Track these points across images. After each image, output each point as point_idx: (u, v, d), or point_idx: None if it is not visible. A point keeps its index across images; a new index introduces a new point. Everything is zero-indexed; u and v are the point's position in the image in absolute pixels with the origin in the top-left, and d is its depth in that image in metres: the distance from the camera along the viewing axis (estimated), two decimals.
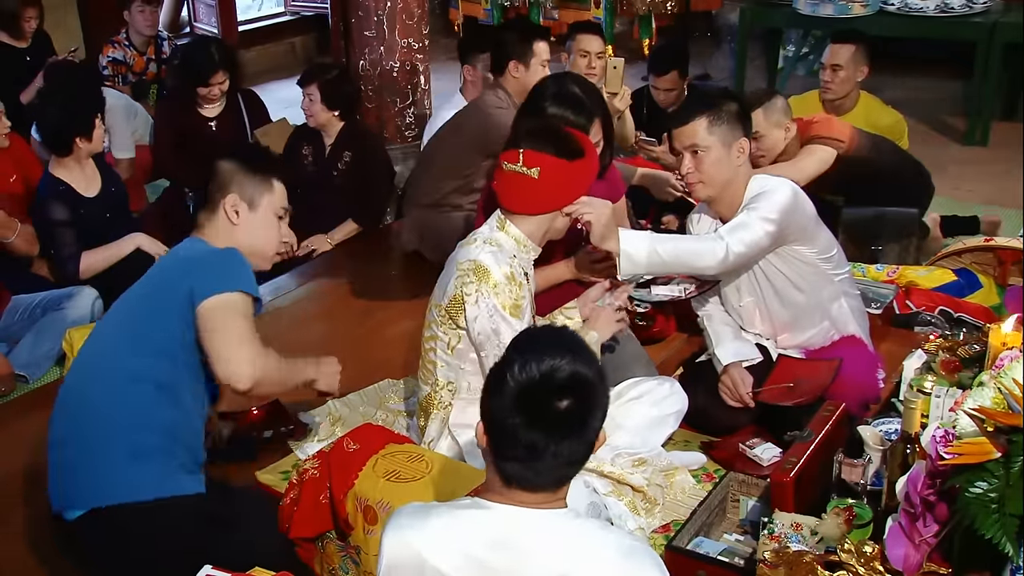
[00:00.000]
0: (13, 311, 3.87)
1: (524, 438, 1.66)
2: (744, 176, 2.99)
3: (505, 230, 2.74)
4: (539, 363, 1.66)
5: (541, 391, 1.66)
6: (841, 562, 2.07)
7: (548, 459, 1.67)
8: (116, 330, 2.47)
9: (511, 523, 1.69)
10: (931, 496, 1.99)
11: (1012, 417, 1.91)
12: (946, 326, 3.55)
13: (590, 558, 1.67)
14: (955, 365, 2.60)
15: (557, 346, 1.70)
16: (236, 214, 2.50)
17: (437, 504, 1.81)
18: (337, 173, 4.66)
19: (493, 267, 2.64)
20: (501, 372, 1.69)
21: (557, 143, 2.68)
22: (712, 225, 3.11)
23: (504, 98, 4.21)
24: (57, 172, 3.99)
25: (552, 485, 1.71)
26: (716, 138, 2.92)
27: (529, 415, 1.66)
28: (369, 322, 4.05)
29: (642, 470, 2.81)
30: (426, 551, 1.71)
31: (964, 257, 4.01)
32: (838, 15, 6.25)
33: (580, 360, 1.69)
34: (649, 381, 3.03)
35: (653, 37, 7.15)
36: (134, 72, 5.83)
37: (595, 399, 1.71)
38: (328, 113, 4.63)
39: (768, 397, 3.04)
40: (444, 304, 2.70)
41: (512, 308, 2.65)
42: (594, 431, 1.72)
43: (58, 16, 6.23)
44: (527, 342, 1.75)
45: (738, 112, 2.97)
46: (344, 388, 3.35)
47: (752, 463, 2.96)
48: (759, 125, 3.77)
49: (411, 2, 5.00)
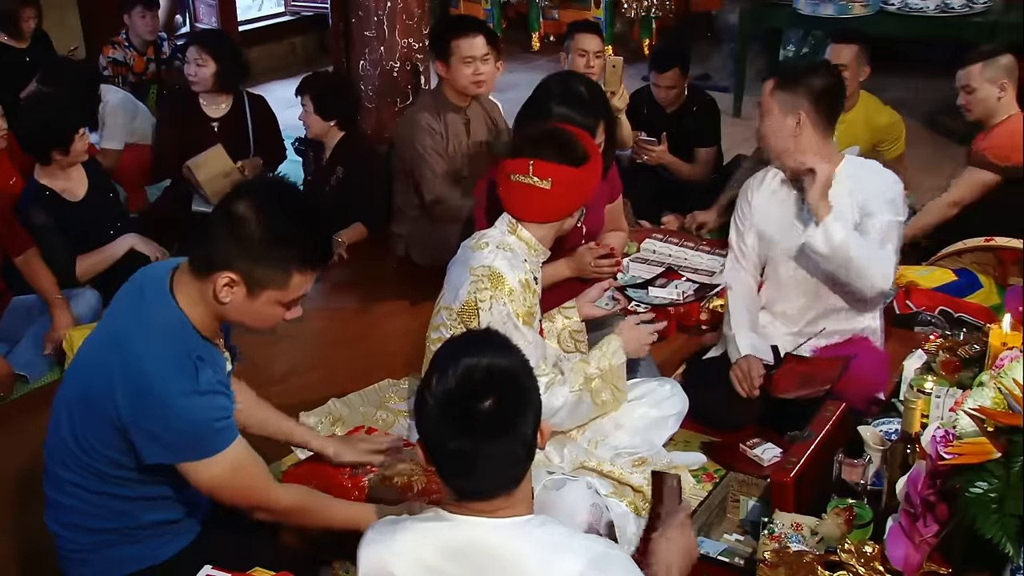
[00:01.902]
0: (14, 311, 3.87)
1: (454, 448, 1.62)
2: (810, 146, 2.98)
3: (517, 234, 2.72)
4: (455, 368, 1.62)
5: (460, 396, 1.61)
6: (841, 562, 2.07)
7: (483, 464, 1.62)
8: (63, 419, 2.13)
9: (471, 534, 1.66)
10: (931, 496, 1.99)
11: (1012, 417, 1.90)
12: (946, 326, 3.55)
13: (552, 566, 1.62)
14: (955, 365, 2.60)
15: (474, 346, 1.67)
16: (229, 292, 2.00)
17: (405, 517, 1.79)
18: (329, 189, 4.64)
19: (508, 274, 2.63)
20: (421, 389, 1.66)
21: (565, 151, 2.66)
22: (780, 183, 3.13)
23: (427, 102, 4.26)
24: (41, 178, 3.99)
25: (503, 490, 1.66)
26: (775, 103, 2.96)
27: (453, 424, 1.61)
28: (369, 322, 4.05)
29: (641, 470, 2.81)
30: (392, 564, 1.70)
31: (964, 257, 4.00)
32: (838, 15, 6.25)
33: (500, 355, 1.65)
34: (650, 382, 3.03)
35: (653, 37, 7.16)
36: (134, 72, 5.84)
37: (519, 389, 1.65)
38: (323, 123, 4.62)
39: (777, 387, 3.03)
40: (455, 307, 2.68)
41: (525, 316, 2.64)
42: (529, 424, 1.65)
43: (58, 16, 6.22)
44: (443, 351, 1.70)
45: (819, 87, 2.95)
46: (344, 388, 3.37)
47: (752, 463, 2.96)
48: (973, 78, 3.98)
49: (411, 2, 5.00)
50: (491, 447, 1.62)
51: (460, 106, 4.25)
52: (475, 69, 4.13)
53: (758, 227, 3.20)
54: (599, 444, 2.82)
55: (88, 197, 4.08)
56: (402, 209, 4.41)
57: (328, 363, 3.74)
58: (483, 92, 4.24)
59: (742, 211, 3.24)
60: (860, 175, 3.04)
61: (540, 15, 7.31)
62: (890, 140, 4.67)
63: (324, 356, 3.82)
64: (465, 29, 4.17)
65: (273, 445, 3.08)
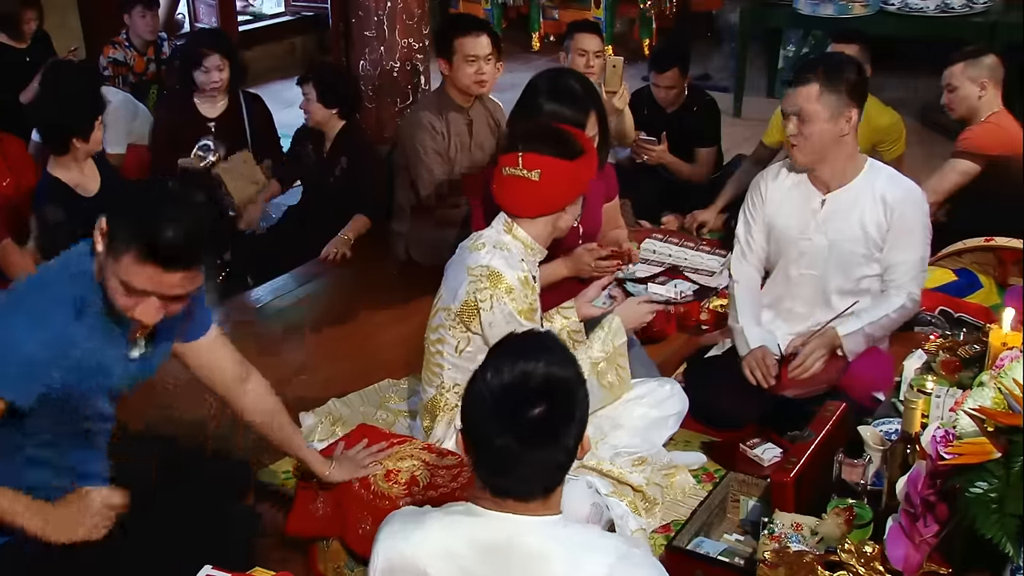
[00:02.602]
0: None
1: (499, 446, 1.63)
2: (849, 147, 2.98)
3: (513, 233, 2.72)
4: (512, 368, 1.63)
5: (514, 397, 1.62)
6: (841, 562, 2.07)
7: (526, 467, 1.64)
8: None
9: (503, 531, 1.67)
10: (931, 496, 1.99)
11: (1012, 417, 1.90)
12: (946, 326, 3.55)
13: (583, 565, 1.64)
14: (955, 365, 2.60)
15: (532, 350, 1.67)
16: (100, 242, 2.01)
17: (431, 509, 1.79)
18: (334, 180, 4.65)
19: (507, 272, 2.63)
20: (477, 379, 1.67)
21: (555, 143, 2.67)
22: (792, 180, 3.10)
23: (430, 102, 4.25)
24: (55, 172, 3.99)
25: (541, 493, 1.68)
26: (823, 107, 2.89)
27: (502, 423, 1.62)
28: (369, 322, 4.05)
29: (641, 469, 2.81)
30: (418, 557, 1.70)
31: (964, 257, 4.00)
32: (838, 15, 6.25)
33: (555, 362, 1.66)
34: (650, 382, 3.03)
35: (653, 37, 7.16)
36: (134, 72, 5.84)
37: (572, 402, 1.66)
38: (326, 111, 4.61)
39: (780, 385, 3.03)
40: (455, 308, 2.68)
41: (527, 312, 2.64)
42: (574, 435, 1.67)
43: (58, 17, 6.22)
44: (504, 347, 1.71)
45: (856, 82, 2.93)
46: (344, 388, 3.37)
47: (752, 463, 2.96)
48: (955, 76, 4.05)
49: (411, 2, 5.00)
50: (535, 453, 1.64)
51: (463, 106, 4.25)
52: (478, 68, 4.13)
53: (770, 221, 3.15)
54: (599, 443, 2.83)
55: (101, 193, 4.09)
56: (403, 207, 4.41)
57: (328, 363, 3.74)
58: (484, 92, 4.24)
59: (753, 203, 3.18)
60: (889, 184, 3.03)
61: (540, 15, 7.31)
62: (890, 140, 4.66)
63: (324, 356, 3.82)
64: (469, 28, 4.16)
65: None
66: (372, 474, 2.53)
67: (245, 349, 2.53)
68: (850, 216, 3.01)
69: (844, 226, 3.02)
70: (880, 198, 2.99)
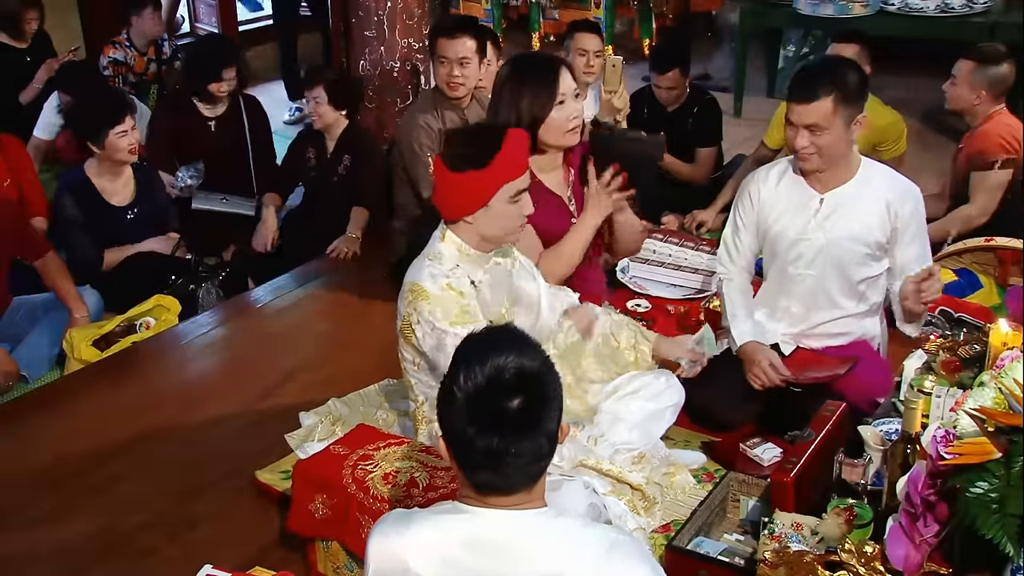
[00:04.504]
0: (15, 311, 3.88)
1: (483, 445, 1.63)
2: (853, 147, 2.99)
3: (445, 239, 2.64)
4: (482, 366, 1.64)
5: (489, 395, 1.63)
6: (841, 562, 2.07)
7: (511, 461, 1.65)
8: None
9: (491, 526, 1.69)
10: (931, 496, 1.99)
11: (1012, 417, 1.90)
12: (946, 326, 3.55)
13: (574, 556, 1.66)
14: (955, 365, 2.60)
15: (498, 344, 1.68)
16: None
17: (419, 510, 1.80)
18: (337, 178, 4.67)
19: (428, 284, 2.56)
20: (448, 384, 1.68)
21: (458, 146, 2.57)
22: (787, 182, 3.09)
23: (428, 101, 4.25)
24: (89, 169, 4.06)
25: (524, 485, 1.69)
26: (840, 119, 2.88)
27: (482, 421, 1.63)
28: (370, 322, 4.05)
29: (640, 468, 2.81)
30: (408, 557, 1.70)
31: (964, 257, 4.01)
32: (838, 15, 6.25)
33: (525, 354, 1.67)
34: (646, 375, 3.01)
35: (653, 37, 7.16)
36: (135, 72, 5.85)
37: (546, 390, 1.68)
38: (335, 113, 4.63)
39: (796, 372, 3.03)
40: (399, 325, 2.67)
41: (458, 315, 2.54)
42: (553, 421, 1.68)
43: (58, 17, 6.23)
44: (468, 347, 1.72)
45: (861, 86, 2.94)
46: (344, 388, 3.37)
47: (752, 463, 2.96)
48: (961, 73, 4.15)
49: (411, 2, 5.00)
50: (519, 444, 1.64)
51: (459, 105, 4.25)
52: (450, 70, 4.08)
53: (765, 224, 3.13)
54: (598, 441, 2.82)
55: (131, 206, 4.13)
56: (403, 206, 4.41)
57: (328, 363, 3.74)
58: (458, 95, 4.19)
59: (743, 207, 3.17)
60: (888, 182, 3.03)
61: (540, 15, 7.31)
62: (890, 140, 4.66)
63: (324, 356, 3.83)
64: (448, 29, 4.14)
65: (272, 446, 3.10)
66: (370, 476, 2.54)
67: (245, 349, 2.53)
68: (851, 214, 3.01)
69: (845, 224, 3.02)
70: (881, 196, 2.99)
